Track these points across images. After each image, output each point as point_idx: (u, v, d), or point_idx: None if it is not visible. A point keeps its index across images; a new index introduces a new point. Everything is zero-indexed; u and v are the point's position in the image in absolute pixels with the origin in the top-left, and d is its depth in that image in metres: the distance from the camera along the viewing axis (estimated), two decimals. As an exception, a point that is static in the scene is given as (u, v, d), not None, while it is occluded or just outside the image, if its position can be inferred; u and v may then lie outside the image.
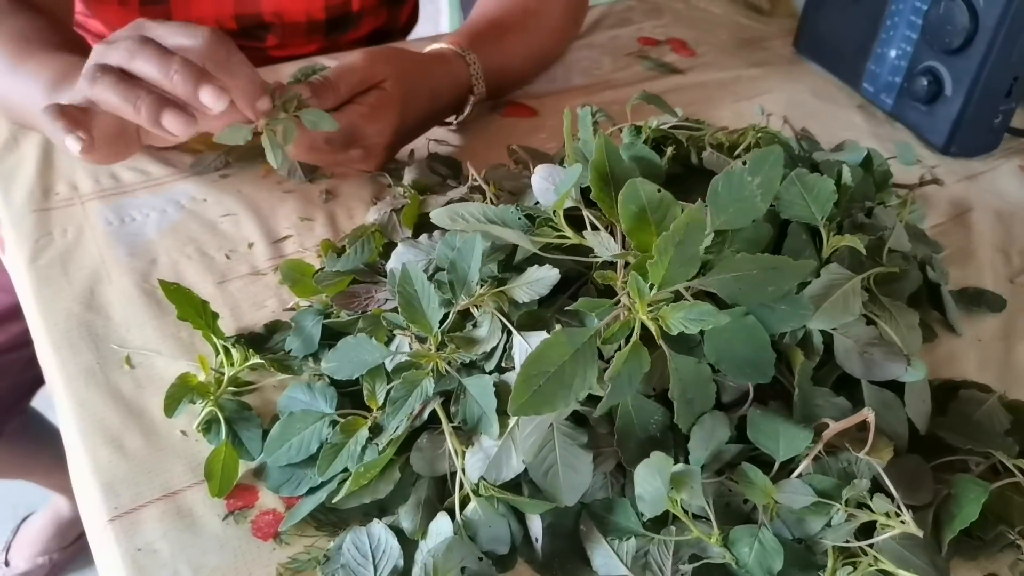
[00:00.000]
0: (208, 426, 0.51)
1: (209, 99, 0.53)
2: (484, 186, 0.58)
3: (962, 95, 0.78)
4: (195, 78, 0.53)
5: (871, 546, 0.43)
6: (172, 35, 0.56)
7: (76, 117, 0.55)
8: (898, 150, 0.67)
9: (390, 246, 0.58)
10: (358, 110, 0.65)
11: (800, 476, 0.45)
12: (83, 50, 0.65)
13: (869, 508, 0.43)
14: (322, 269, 0.59)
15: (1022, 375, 0.59)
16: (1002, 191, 0.79)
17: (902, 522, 0.42)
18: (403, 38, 1.11)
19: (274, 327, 0.59)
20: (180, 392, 0.51)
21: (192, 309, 0.54)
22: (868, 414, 0.42)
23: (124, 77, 0.54)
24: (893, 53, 0.85)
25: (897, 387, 0.50)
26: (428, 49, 0.77)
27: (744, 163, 0.45)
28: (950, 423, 0.51)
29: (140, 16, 0.91)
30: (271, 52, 0.99)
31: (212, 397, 0.52)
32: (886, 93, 0.87)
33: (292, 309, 0.60)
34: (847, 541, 0.44)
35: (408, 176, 0.66)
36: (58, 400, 0.56)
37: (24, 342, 0.83)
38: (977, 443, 0.49)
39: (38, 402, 1.21)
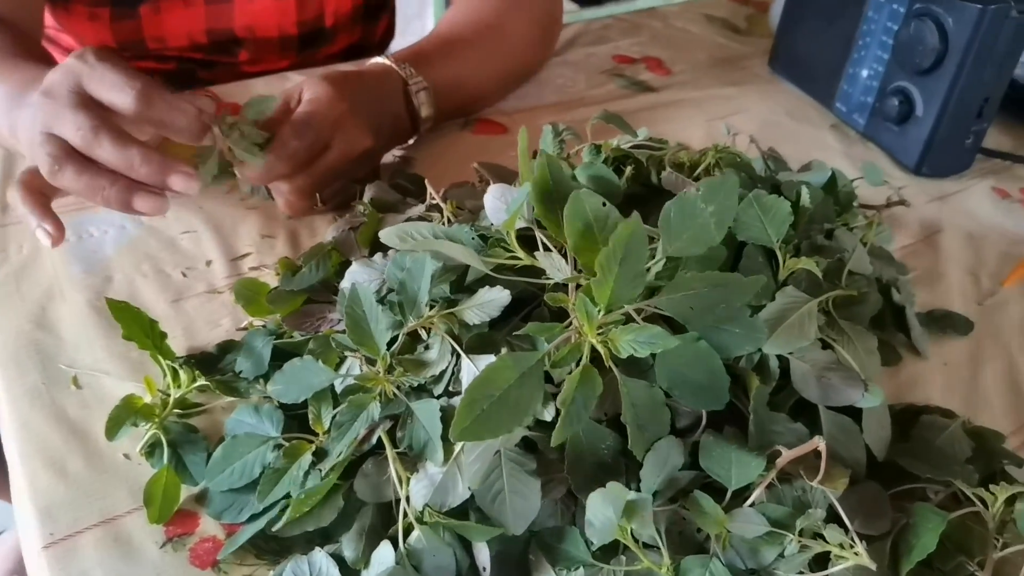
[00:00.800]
0: (151, 449, 0.50)
1: (180, 187, 0.55)
2: (441, 204, 0.57)
3: (933, 115, 0.78)
4: (159, 171, 0.54)
5: (825, 577, 0.42)
6: (106, 90, 0.55)
7: (43, 204, 0.58)
8: (864, 170, 0.67)
9: (346, 265, 0.57)
10: (305, 109, 0.64)
11: (753, 505, 0.44)
12: (49, 64, 0.64)
13: (823, 538, 0.42)
14: (277, 288, 0.58)
15: (988, 400, 0.58)
16: (973, 212, 0.79)
17: (855, 553, 0.41)
18: (379, 53, 1.10)
19: (227, 347, 0.57)
20: (123, 414, 0.50)
21: (139, 328, 0.53)
22: (819, 443, 0.41)
23: (84, 166, 0.54)
24: (865, 73, 0.85)
25: (856, 412, 0.49)
26: (368, 64, 0.76)
27: (698, 190, 0.44)
28: (911, 449, 0.50)
29: (111, 31, 0.90)
30: (243, 67, 0.98)
31: (156, 419, 0.50)
32: (858, 113, 0.87)
33: (245, 329, 0.59)
34: (800, 572, 0.42)
35: (368, 193, 0.65)
36: (2, 420, 0.55)
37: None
38: (937, 471, 0.48)
39: None
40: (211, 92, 0.86)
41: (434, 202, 0.59)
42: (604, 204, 0.43)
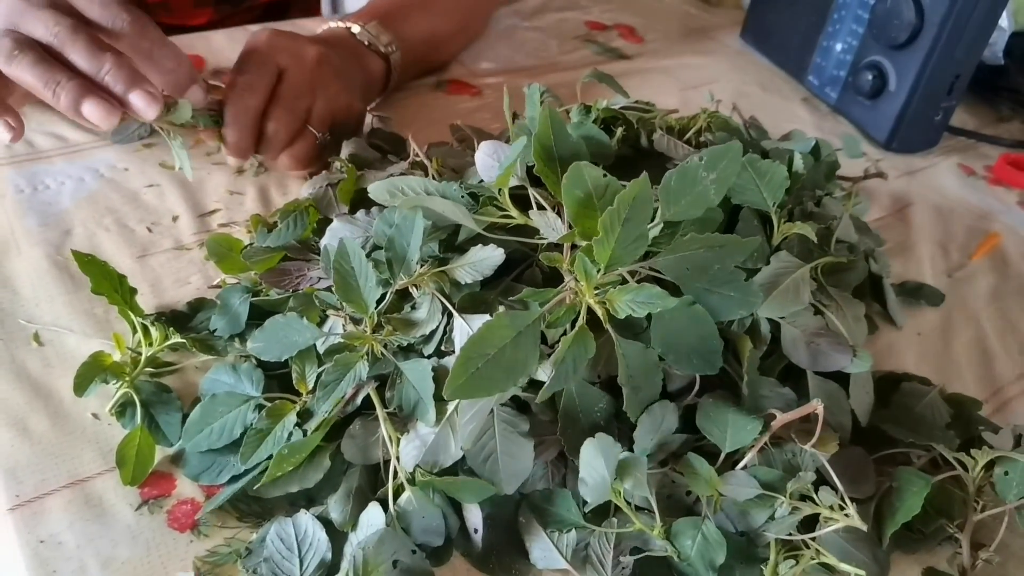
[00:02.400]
0: (123, 409, 0.48)
1: (141, 103, 0.51)
2: (427, 162, 0.56)
3: (906, 91, 0.79)
4: (127, 81, 0.51)
5: (813, 539, 0.43)
6: (95, 7, 0.52)
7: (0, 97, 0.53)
8: (844, 142, 0.67)
9: (324, 222, 0.55)
10: (244, 49, 0.62)
11: (745, 468, 0.44)
12: None
13: (813, 500, 0.42)
14: (251, 245, 0.56)
15: (960, 369, 0.60)
16: (941, 187, 0.80)
17: (846, 515, 0.41)
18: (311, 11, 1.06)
19: (198, 305, 0.55)
20: (92, 371, 0.48)
21: (108, 283, 0.50)
22: (817, 406, 0.41)
23: (43, 57, 0.51)
24: (839, 47, 0.85)
25: (840, 378, 0.50)
26: (322, 29, 0.73)
27: (701, 158, 0.43)
28: (892, 416, 0.51)
29: None
30: (161, 23, 0.93)
31: (128, 378, 0.48)
32: (831, 87, 0.87)
33: (218, 287, 0.56)
34: (790, 534, 0.43)
35: (346, 150, 0.63)
36: (-44, 379, 0.52)
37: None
38: (919, 436, 0.49)
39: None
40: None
41: (417, 159, 0.57)
42: (605, 175, 0.42)
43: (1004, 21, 0.83)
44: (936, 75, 0.77)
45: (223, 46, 0.84)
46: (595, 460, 0.42)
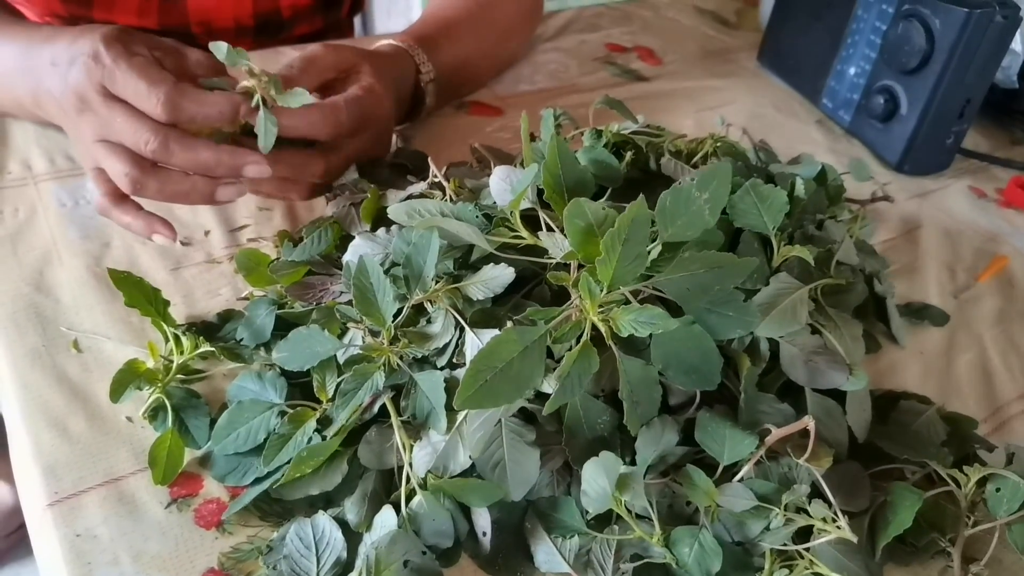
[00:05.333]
0: (155, 413, 0.51)
1: (255, 172, 0.56)
2: (444, 183, 0.58)
3: (917, 114, 0.80)
4: (232, 164, 0.56)
5: (808, 550, 0.44)
6: (133, 98, 0.55)
7: (136, 208, 0.58)
8: (852, 166, 0.69)
9: (347, 239, 0.58)
10: (359, 93, 0.63)
11: (742, 480, 0.46)
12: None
13: (807, 513, 0.44)
14: (278, 259, 0.59)
15: (961, 388, 0.61)
16: (951, 209, 0.81)
17: (838, 527, 0.43)
18: (342, 36, 1.09)
19: (227, 316, 0.58)
20: (127, 377, 0.51)
21: (142, 296, 0.53)
22: (809, 422, 0.43)
23: (166, 177, 0.56)
24: (852, 71, 0.87)
25: (839, 395, 0.51)
26: (375, 46, 0.76)
27: (693, 179, 0.45)
28: (889, 432, 0.52)
29: (63, 6, 0.88)
30: (202, 48, 0.97)
31: (160, 384, 0.51)
32: (844, 109, 0.89)
33: (246, 299, 0.59)
34: (784, 544, 0.45)
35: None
36: (1, 381, 0.55)
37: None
38: (914, 452, 0.50)
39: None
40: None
41: (436, 180, 0.60)
42: (603, 208, 0.45)
43: (1017, 45, 0.85)
44: (947, 99, 0.79)
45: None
46: (597, 474, 0.44)
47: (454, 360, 0.48)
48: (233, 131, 0.59)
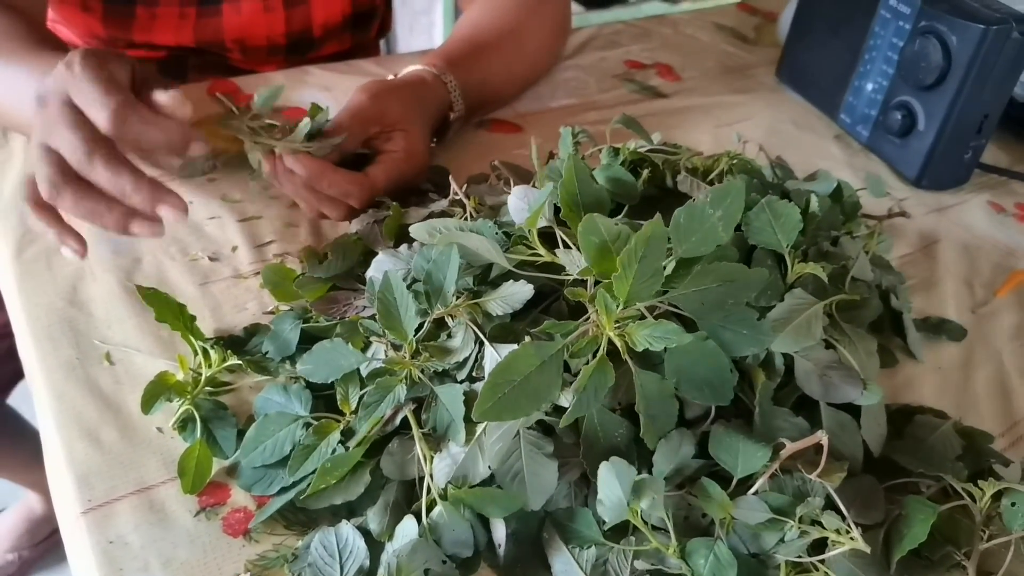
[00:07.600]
0: (184, 424, 0.52)
1: (171, 215, 0.54)
2: (465, 200, 0.60)
3: (934, 130, 0.81)
4: (150, 199, 0.52)
5: (822, 562, 0.45)
6: (86, 106, 0.53)
7: (56, 218, 0.55)
8: (868, 182, 0.70)
9: (370, 255, 0.59)
10: (396, 158, 0.68)
11: (756, 493, 0.46)
12: (63, 50, 0.65)
13: (822, 525, 0.45)
14: (303, 275, 0.60)
15: (978, 403, 0.61)
16: (969, 224, 0.82)
17: (852, 539, 0.44)
18: (370, 54, 1.11)
19: (253, 330, 0.60)
20: (158, 390, 0.53)
21: (170, 312, 0.55)
22: (822, 437, 0.44)
23: (85, 191, 0.53)
24: (870, 86, 0.87)
25: (854, 409, 0.52)
26: (405, 72, 0.78)
27: (707, 196, 0.46)
28: (904, 446, 0.53)
29: (103, 25, 0.91)
30: (233, 63, 0.99)
31: (189, 396, 0.53)
32: (862, 125, 0.89)
33: (272, 313, 0.61)
34: (799, 556, 0.45)
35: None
36: (36, 392, 0.57)
37: (5, 334, 0.84)
38: (929, 466, 0.51)
39: (16, 402, 1.21)
40: (231, 83, 0.88)
41: (456, 197, 0.61)
42: (616, 224, 0.46)
43: (1036, 61, 0.85)
44: (964, 115, 0.79)
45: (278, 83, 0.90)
46: (611, 482, 0.45)
47: (474, 374, 0.49)
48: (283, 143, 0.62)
